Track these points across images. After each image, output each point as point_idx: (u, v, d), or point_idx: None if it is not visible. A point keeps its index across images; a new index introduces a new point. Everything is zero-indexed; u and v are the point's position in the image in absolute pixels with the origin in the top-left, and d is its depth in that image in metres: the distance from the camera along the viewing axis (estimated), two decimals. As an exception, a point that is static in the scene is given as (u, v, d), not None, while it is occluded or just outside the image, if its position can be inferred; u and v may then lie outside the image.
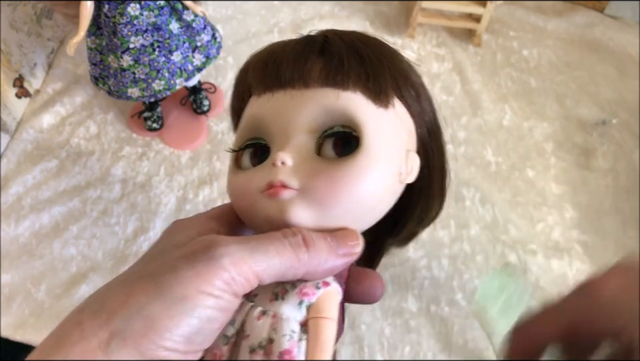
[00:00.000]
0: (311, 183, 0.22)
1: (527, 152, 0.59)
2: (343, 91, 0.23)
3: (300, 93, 0.23)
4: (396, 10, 0.69)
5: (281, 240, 0.19)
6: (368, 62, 0.23)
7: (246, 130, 0.25)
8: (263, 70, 0.25)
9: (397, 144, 0.24)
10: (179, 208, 0.55)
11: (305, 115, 0.23)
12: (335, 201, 0.22)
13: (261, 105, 0.24)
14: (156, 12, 0.48)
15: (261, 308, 0.21)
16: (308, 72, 0.23)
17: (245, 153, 0.25)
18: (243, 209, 0.24)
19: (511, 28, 0.67)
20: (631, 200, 0.56)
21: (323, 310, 0.21)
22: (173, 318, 0.17)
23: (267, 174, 0.22)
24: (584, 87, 0.64)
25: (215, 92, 0.60)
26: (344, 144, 0.22)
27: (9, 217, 0.54)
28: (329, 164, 0.22)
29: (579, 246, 0.54)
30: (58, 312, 0.49)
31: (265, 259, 0.19)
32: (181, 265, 0.18)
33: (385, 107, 0.24)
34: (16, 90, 0.58)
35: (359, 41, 0.24)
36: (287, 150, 0.22)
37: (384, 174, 0.23)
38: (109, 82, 0.52)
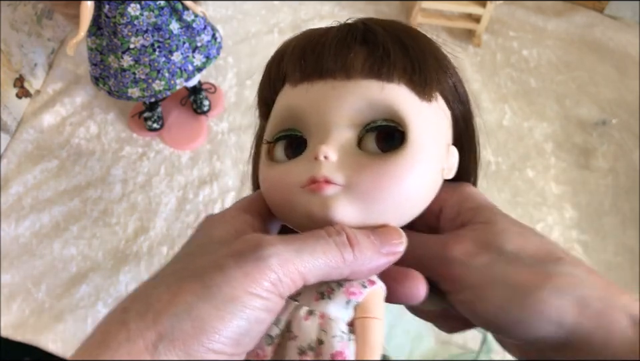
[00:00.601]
0: (356, 179, 0.21)
1: (526, 152, 0.59)
2: (388, 83, 0.22)
3: (342, 84, 0.22)
4: (396, 10, 0.69)
5: (327, 240, 0.19)
6: (413, 54, 0.23)
7: (280, 120, 0.23)
8: (301, 58, 0.23)
9: (440, 139, 0.23)
10: (179, 208, 0.55)
11: (347, 108, 0.22)
12: (380, 198, 0.21)
13: (297, 95, 0.23)
14: (156, 12, 0.48)
15: (306, 307, 0.20)
16: (351, 62, 0.22)
17: (278, 145, 0.23)
18: (279, 203, 0.22)
19: (510, 29, 0.67)
20: (631, 200, 0.56)
21: (370, 310, 0.21)
22: (223, 318, 0.17)
23: (308, 168, 0.21)
24: (584, 87, 0.64)
25: (215, 92, 0.60)
26: (387, 139, 0.22)
27: (9, 217, 0.54)
28: (374, 160, 0.21)
29: (578, 246, 0.54)
30: (58, 312, 0.49)
31: (311, 260, 0.18)
32: (229, 264, 0.17)
33: (429, 101, 0.23)
34: (16, 91, 0.58)
35: (403, 32, 0.23)
36: (329, 144, 0.21)
37: (429, 171, 0.22)
38: (109, 82, 0.52)
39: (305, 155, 0.22)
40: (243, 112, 0.61)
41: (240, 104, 0.61)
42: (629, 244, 0.54)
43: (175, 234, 0.53)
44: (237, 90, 0.62)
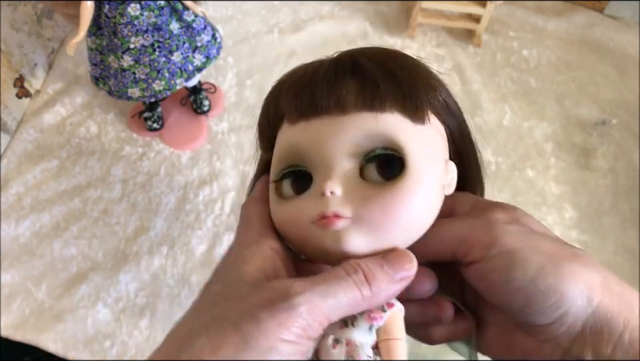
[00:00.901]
0: (364, 210, 0.22)
1: (526, 152, 0.59)
2: (381, 113, 0.23)
3: (338, 120, 0.23)
4: (396, 10, 0.69)
5: (347, 280, 0.20)
6: (402, 82, 0.24)
7: (284, 158, 0.25)
8: (296, 97, 0.24)
9: (437, 157, 0.25)
10: (180, 208, 0.55)
11: (346, 141, 0.23)
12: (388, 226, 0.22)
13: (297, 133, 0.24)
14: (156, 12, 0.48)
15: (332, 336, 0.21)
16: (344, 98, 0.23)
17: (284, 181, 0.25)
18: (295, 239, 0.24)
19: (510, 29, 0.67)
20: (631, 200, 0.56)
21: (392, 332, 0.22)
22: None
23: (316, 204, 0.23)
24: (584, 87, 0.64)
25: (215, 92, 0.60)
26: (387, 165, 0.23)
27: (9, 217, 0.54)
28: (378, 189, 0.22)
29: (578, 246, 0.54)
30: (58, 312, 0.49)
31: (334, 302, 0.20)
32: (263, 315, 0.19)
33: (423, 123, 0.24)
34: (16, 91, 0.58)
35: (389, 60, 0.25)
36: (334, 179, 0.23)
37: (431, 192, 0.24)
38: (109, 82, 0.52)
39: (312, 191, 0.23)
40: (243, 112, 0.61)
41: (240, 104, 0.61)
42: (629, 244, 0.54)
43: (175, 233, 0.53)
44: (237, 90, 0.62)
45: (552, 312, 0.23)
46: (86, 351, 0.47)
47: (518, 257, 0.23)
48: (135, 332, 0.49)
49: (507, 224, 0.24)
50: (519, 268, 0.23)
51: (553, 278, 0.23)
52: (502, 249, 0.23)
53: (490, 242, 0.23)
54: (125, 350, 0.48)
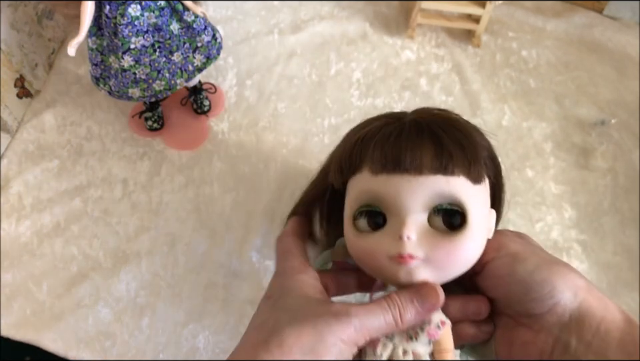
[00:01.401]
0: (433, 254, 0.29)
1: (526, 152, 0.59)
2: (451, 176, 0.30)
3: (415, 178, 0.29)
4: (395, 11, 0.69)
5: (387, 311, 0.28)
6: (467, 151, 0.30)
7: (363, 199, 0.31)
8: (381, 154, 0.30)
9: (486, 209, 0.32)
10: (180, 208, 0.55)
11: (421, 196, 0.29)
12: (451, 266, 0.30)
13: (379, 183, 0.30)
14: (157, 13, 0.48)
15: (402, 347, 0.29)
16: (422, 161, 0.29)
17: (360, 219, 0.31)
18: (371, 267, 0.31)
19: (510, 29, 0.68)
20: (630, 200, 0.56)
21: (444, 343, 0.30)
22: (332, 355, 0.26)
23: (393, 244, 0.29)
24: (583, 87, 0.64)
25: (216, 93, 0.60)
26: (450, 216, 0.30)
27: (10, 217, 0.54)
28: (444, 237, 0.29)
29: (577, 246, 0.54)
30: (59, 312, 0.49)
31: (375, 325, 0.28)
32: (332, 321, 0.27)
33: (480, 183, 0.31)
34: (17, 91, 0.58)
35: (456, 130, 0.31)
36: (410, 226, 0.29)
37: (482, 239, 0.31)
38: (109, 82, 0.52)
39: (389, 230, 0.30)
40: (243, 112, 0.61)
41: (240, 104, 0.61)
42: (628, 244, 0.54)
43: (175, 233, 0.53)
44: (237, 90, 0.62)
45: (546, 300, 0.29)
46: (87, 350, 0.48)
47: (520, 257, 0.30)
48: (135, 331, 0.49)
49: (512, 236, 0.32)
50: (521, 264, 0.30)
51: (547, 274, 0.29)
52: (508, 251, 0.31)
53: (499, 246, 0.31)
54: (126, 349, 0.48)
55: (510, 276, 0.30)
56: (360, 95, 0.62)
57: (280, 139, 0.59)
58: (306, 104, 0.61)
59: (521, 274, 0.30)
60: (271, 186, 0.56)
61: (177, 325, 0.49)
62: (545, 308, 0.29)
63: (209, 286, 0.51)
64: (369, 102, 0.62)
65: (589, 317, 0.28)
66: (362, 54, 0.65)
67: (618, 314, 0.29)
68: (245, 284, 0.51)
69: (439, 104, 0.62)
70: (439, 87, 0.63)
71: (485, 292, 0.32)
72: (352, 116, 0.61)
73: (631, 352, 0.27)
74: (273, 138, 0.59)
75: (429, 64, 0.65)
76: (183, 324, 0.49)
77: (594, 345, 0.28)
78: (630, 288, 0.52)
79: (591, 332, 0.28)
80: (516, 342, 0.30)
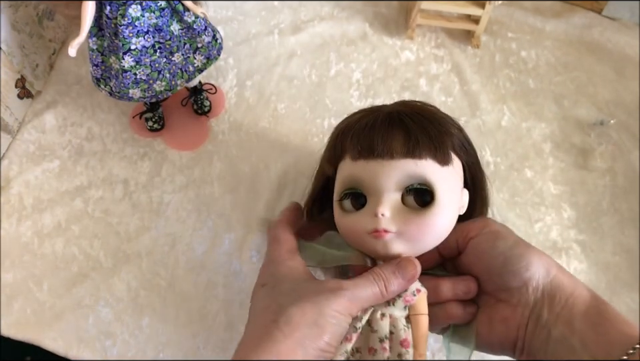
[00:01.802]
0: (405, 228, 0.34)
1: (525, 153, 0.59)
2: (419, 160, 0.34)
3: (388, 163, 0.34)
4: (395, 11, 0.69)
5: (373, 284, 0.33)
6: (434, 137, 0.35)
7: (346, 183, 0.36)
8: (358, 143, 0.35)
9: (456, 188, 0.36)
10: (180, 208, 0.55)
11: (394, 178, 0.34)
12: (421, 239, 0.34)
13: (358, 168, 0.35)
14: (157, 13, 0.49)
15: (380, 311, 0.34)
16: (394, 147, 0.34)
17: (345, 200, 0.36)
18: (353, 241, 0.36)
19: (509, 30, 0.68)
20: (629, 200, 0.57)
21: (419, 309, 0.34)
22: (332, 326, 0.31)
23: (370, 220, 0.34)
24: (582, 88, 0.64)
25: (216, 93, 0.61)
26: (421, 195, 0.34)
27: (10, 217, 0.54)
28: (415, 213, 0.34)
29: (576, 246, 0.54)
30: (59, 312, 0.49)
31: (365, 297, 0.32)
32: (330, 296, 0.31)
33: (447, 165, 0.35)
34: (18, 91, 0.59)
35: (424, 118, 0.36)
36: (384, 204, 0.34)
37: (451, 214, 0.35)
38: (110, 83, 0.53)
39: (367, 209, 0.35)
40: (244, 112, 0.61)
41: (240, 105, 0.61)
42: (627, 244, 0.54)
43: (176, 234, 0.54)
44: (237, 90, 0.62)
45: (522, 273, 0.33)
46: (87, 350, 0.48)
47: (500, 234, 0.35)
48: (136, 331, 0.49)
49: (495, 221, 0.37)
50: (501, 240, 0.35)
51: (523, 250, 0.34)
52: (490, 229, 0.36)
53: (483, 225, 0.36)
54: (126, 349, 0.48)
55: (491, 249, 0.34)
56: (360, 96, 0.62)
57: (280, 139, 0.59)
58: (306, 104, 0.61)
59: (501, 248, 0.34)
60: (271, 186, 0.56)
61: (177, 325, 0.49)
62: (521, 282, 0.33)
63: (209, 286, 0.51)
64: (369, 102, 0.62)
65: (559, 291, 0.32)
66: (362, 55, 0.65)
67: (586, 291, 0.32)
68: (245, 284, 0.51)
69: (438, 104, 0.62)
70: (438, 88, 0.63)
71: (469, 269, 0.36)
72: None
73: (594, 321, 0.31)
74: (273, 138, 0.59)
75: (428, 65, 0.65)
76: (183, 324, 0.49)
77: (562, 315, 0.31)
78: (629, 288, 0.52)
79: (560, 305, 0.32)
80: (496, 318, 0.34)
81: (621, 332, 0.30)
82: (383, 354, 0.33)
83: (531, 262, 0.33)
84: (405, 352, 0.33)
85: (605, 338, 0.30)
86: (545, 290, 0.33)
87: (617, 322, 0.30)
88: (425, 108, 0.37)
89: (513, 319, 0.33)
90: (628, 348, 0.28)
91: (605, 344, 0.29)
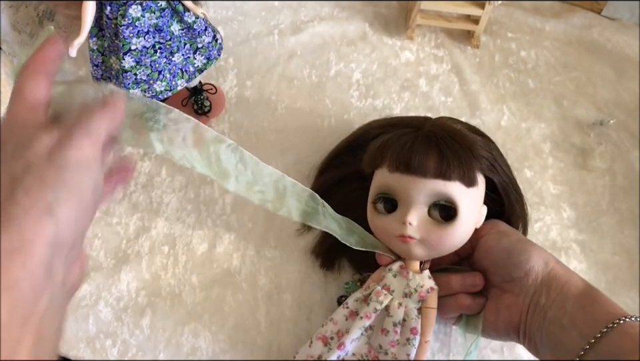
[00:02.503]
0: (427, 236, 0.40)
1: (524, 153, 0.59)
2: (448, 181, 0.39)
3: (420, 180, 0.40)
4: (395, 11, 0.69)
5: None
6: (464, 162, 0.40)
7: (382, 189, 0.42)
8: (397, 158, 0.41)
9: (477, 206, 0.41)
10: (180, 208, 0.55)
11: (424, 193, 0.40)
12: (440, 248, 0.41)
13: (393, 179, 0.41)
14: (157, 13, 0.49)
15: (398, 300, 0.41)
16: (428, 168, 0.39)
17: (379, 202, 0.42)
18: (383, 239, 0.43)
19: (509, 30, 0.68)
20: (628, 200, 0.57)
21: (429, 303, 0.41)
22: (82, 182, 0.27)
23: (399, 226, 0.40)
24: (581, 88, 0.64)
25: (216, 93, 0.61)
26: (445, 210, 0.40)
27: (11, 217, 0.54)
28: (438, 225, 0.40)
29: (576, 246, 0.54)
30: (60, 311, 0.49)
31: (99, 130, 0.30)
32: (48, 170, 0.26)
33: (472, 187, 0.40)
34: (18, 91, 0.59)
35: (458, 144, 0.40)
36: (413, 215, 0.40)
37: (468, 229, 0.41)
38: (110, 83, 0.53)
39: (397, 215, 0.41)
40: (244, 112, 0.61)
41: (240, 105, 0.61)
42: (627, 244, 0.54)
43: (176, 233, 0.54)
44: (237, 90, 0.62)
45: (523, 265, 0.38)
46: (87, 350, 0.48)
47: (505, 233, 0.42)
48: (136, 331, 0.49)
49: (503, 223, 0.43)
50: (505, 238, 0.41)
51: (524, 246, 0.39)
52: (498, 229, 0.42)
53: (492, 226, 0.42)
54: (126, 349, 0.48)
55: (497, 245, 0.40)
56: (359, 96, 0.63)
57: (280, 139, 0.59)
58: (306, 104, 0.62)
59: (505, 244, 0.40)
60: (271, 186, 0.56)
61: (177, 325, 0.49)
62: (522, 272, 0.38)
63: (209, 286, 0.51)
64: (369, 102, 0.62)
65: (555, 281, 0.37)
66: (361, 55, 0.65)
67: (581, 281, 0.37)
68: (245, 284, 0.51)
69: (438, 104, 0.62)
70: (438, 88, 0.63)
71: (479, 263, 0.42)
72: (351, 117, 0.61)
73: (584, 303, 0.35)
74: (273, 138, 0.59)
75: (428, 65, 0.65)
76: (183, 324, 0.49)
77: (557, 300, 0.36)
78: (628, 287, 0.52)
79: (556, 292, 0.36)
80: (501, 306, 0.39)
81: (606, 311, 0.34)
82: (394, 336, 0.40)
83: (531, 255, 0.38)
84: (413, 338, 0.40)
85: (591, 317, 0.34)
86: (543, 280, 0.37)
87: (604, 305, 0.35)
88: (460, 133, 0.42)
89: (516, 306, 0.38)
90: (610, 323, 0.33)
91: (591, 321, 0.34)
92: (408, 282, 0.41)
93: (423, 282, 0.41)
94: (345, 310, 0.42)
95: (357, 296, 0.43)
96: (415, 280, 0.41)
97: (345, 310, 0.42)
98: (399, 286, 0.41)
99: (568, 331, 0.34)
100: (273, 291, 0.51)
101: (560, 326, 0.35)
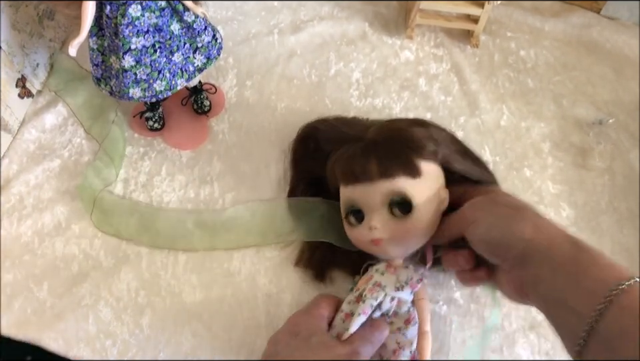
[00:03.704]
0: (394, 235, 0.42)
1: (524, 152, 0.59)
2: (393, 179, 0.42)
3: (369, 185, 0.42)
4: (394, 11, 0.69)
5: (373, 339, 0.41)
6: (402, 157, 0.42)
7: (347, 203, 0.44)
8: (344, 171, 0.44)
9: (433, 192, 0.43)
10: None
11: (377, 197, 0.42)
12: (410, 240, 0.43)
13: (350, 192, 0.44)
14: (157, 13, 0.49)
15: (390, 295, 0.42)
16: (370, 173, 0.42)
17: (349, 215, 0.44)
18: (361, 248, 0.45)
19: (508, 29, 0.68)
20: (627, 199, 0.57)
21: (421, 294, 0.44)
22: None
23: (368, 232, 0.43)
24: (581, 87, 0.64)
25: (216, 93, 0.61)
26: (402, 205, 0.42)
27: (11, 216, 0.54)
28: (400, 221, 0.42)
29: (575, 245, 0.54)
30: (60, 311, 0.49)
31: (370, 350, 0.40)
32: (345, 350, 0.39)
33: (419, 176, 0.42)
34: (18, 91, 0.59)
35: (396, 141, 0.43)
36: (375, 219, 0.42)
37: (431, 216, 0.42)
38: (110, 82, 0.53)
39: (364, 224, 0.43)
40: (244, 112, 0.61)
41: (240, 105, 0.61)
42: (626, 243, 0.54)
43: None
44: (237, 90, 0.62)
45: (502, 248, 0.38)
46: (87, 350, 0.48)
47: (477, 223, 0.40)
48: (136, 330, 0.49)
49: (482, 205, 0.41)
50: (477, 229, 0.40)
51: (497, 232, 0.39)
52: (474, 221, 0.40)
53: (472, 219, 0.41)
54: (126, 348, 0.48)
55: (478, 240, 0.40)
56: (359, 95, 0.63)
57: (280, 139, 0.59)
58: (306, 104, 0.62)
59: (481, 237, 0.40)
60: (271, 186, 0.56)
61: (177, 324, 0.49)
62: (504, 253, 0.38)
63: (209, 286, 0.51)
64: (368, 102, 0.62)
65: (536, 253, 0.36)
66: (361, 55, 0.65)
67: (565, 243, 0.36)
68: (245, 283, 0.51)
69: (437, 104, 0.62)
70: (437, 87, 0.64)
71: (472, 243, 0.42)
72: (351, 116, 0.61)
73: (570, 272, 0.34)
74: (273, 138, 0.59)
75: (427, 65, 0.65)
76: (183, 324, 0.49)
77: (544, 263, 0.36)
78: (628, 286, 0.52)
79: (541, 258, 0.36)
80: (503, 283, 0.40)
81: (595, 278, 0.32)
82: None
83: (506, 237, 0.38)
84: (404, 328, 0.42)
85: (582, 290, 0.32)
86: (525, 252, 0.36)
87: (593, 269, 0.33)
88: (394, 131, 0.45)
89: (512, 281, 0.38)
90: (605, 293, 0.31)
91: (583, 295, 0.32)
92: (397, 277, 0.43)
93: (411, 274, 0.43)
94: (340, 314, 0.43)
95: (349, 299, 0.43)
96: (403, 274, 0.43)
97: (340, 313, 0.43)
98: (390, 282, 0.42)
99: (563, 309, 0.33)
100: (272, 291, 0.51)
101: (554, 304, 0.34)
